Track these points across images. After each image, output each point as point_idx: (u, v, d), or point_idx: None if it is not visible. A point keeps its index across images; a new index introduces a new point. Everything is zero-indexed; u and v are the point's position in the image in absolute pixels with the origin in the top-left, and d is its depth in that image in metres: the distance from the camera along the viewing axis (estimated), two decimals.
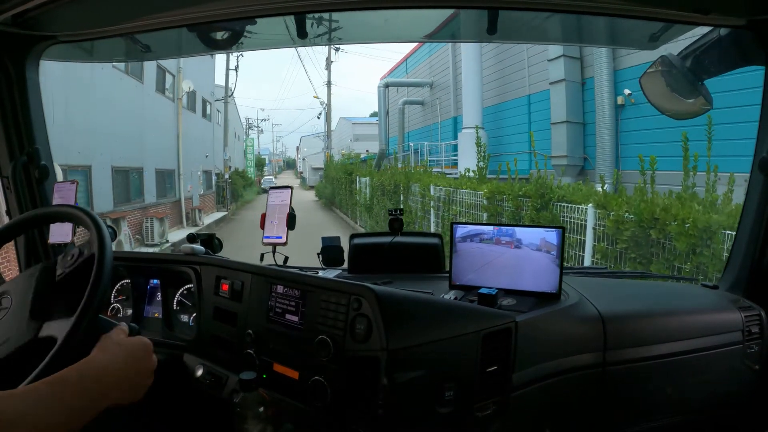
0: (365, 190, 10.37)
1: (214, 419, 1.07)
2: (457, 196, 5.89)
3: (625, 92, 6.27)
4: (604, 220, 3.58)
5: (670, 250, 3.05)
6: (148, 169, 10.31)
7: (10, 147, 1.27)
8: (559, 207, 4.13)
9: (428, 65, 14.61)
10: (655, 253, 3.19)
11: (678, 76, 1.20)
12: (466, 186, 5.78)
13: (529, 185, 4.52)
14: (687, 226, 2.89)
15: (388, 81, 16.36)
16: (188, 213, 12.58)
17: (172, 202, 11.85)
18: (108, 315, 1.27)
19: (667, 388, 1.08)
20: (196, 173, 13.95)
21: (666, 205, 3.10)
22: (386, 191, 8.56)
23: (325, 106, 21.26)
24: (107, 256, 0.79)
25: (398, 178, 8.12)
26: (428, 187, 6.76)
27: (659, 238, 3.11)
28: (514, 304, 1.01)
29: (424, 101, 15.02)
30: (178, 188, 12.20)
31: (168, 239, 9.65)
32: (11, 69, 1.22)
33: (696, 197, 3.21)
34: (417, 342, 0.81)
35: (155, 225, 9.48)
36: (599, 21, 1.27)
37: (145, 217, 9.57)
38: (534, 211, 4.30)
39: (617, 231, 3.41)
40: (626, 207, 3.39)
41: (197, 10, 1.10)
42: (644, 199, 3.30)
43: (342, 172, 13.41)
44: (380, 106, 15.96)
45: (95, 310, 0.75)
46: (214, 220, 13.70)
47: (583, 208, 3.83)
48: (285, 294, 0.96)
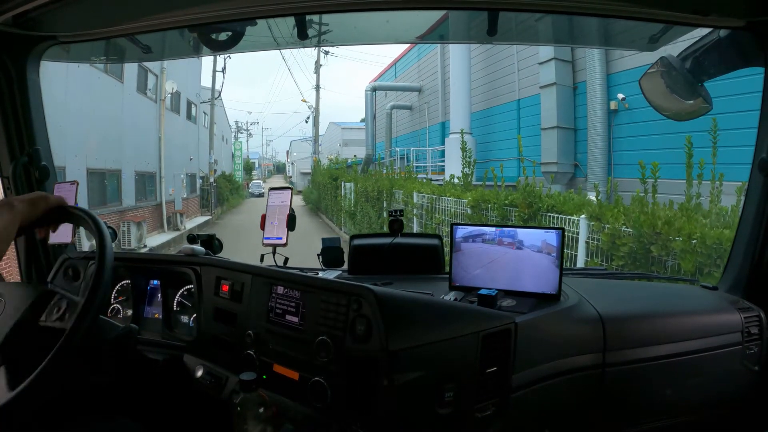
0: (350, 195, 10.08)
1: (214, 420, 1.07)
2: (441, 204, 5.59)
3: (619, 97, 6.02)
4: (598, 234, 3.20)
5: (673, 268, 2.73)
6: (126, 171, 9.98)
7: (11, 147, 1.28)
8: (548, 218, 3.75)
9: (417, 69, 14.42)
10: (657, 271, 2.83)
11: (677, 77, 1.21)
12: (450, 193, 5.47)
13: (516, 193, 4.20)
14: (694, 242, 2.53)
15: (375, 85, 15.94)
16: (170, 217, 12.09)
17: (153, 205, 11.48)
18: (108, 315, 1.27)
19: (666, 389, 1.08)
20: (179, 176, 13.52)
21: (669, 218, 2.72)
22: (370, 197, 8.29)
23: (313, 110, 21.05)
24: (107, 257, 0.79)
25: (382, 184, 7.86)
26: (411, 194, 6.46)
27: (661, 255, 2.76)
28: (513, 305, 1.01)
29: (413, 106, 14.83)
30: (159, 191, 11.79)
31: (146, 244, 9.37)
32: (12, 69, 1.22)
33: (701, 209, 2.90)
34: (417, 343, 0.81)
35: (132, 229, 9.16)
36: (599, 22, 1.28)
37: (122, 220, 9.25)
38: (521, 221, 3.94)
39: (613, 246, 3.02)
40: (624, 219, 3.02)
41: (197, 11, 1.10)
42: (644, 210, 2.94)
43: (328, 178, 13.11)
44: (367, 110, 15.56)
45: (96, 310, 0.75)
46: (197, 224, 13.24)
47: (575, 220, 3.41)
48: (285, 295, 0.96)
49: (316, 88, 20.41)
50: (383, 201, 7.64)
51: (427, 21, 1.33)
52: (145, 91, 11.14)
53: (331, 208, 12.80)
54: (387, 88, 16.29)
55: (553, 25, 1.38)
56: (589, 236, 3.26)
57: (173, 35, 1.32)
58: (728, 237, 2.44)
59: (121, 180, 9.75)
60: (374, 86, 15.75)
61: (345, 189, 10.83)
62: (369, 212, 8.16)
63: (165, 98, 11.89)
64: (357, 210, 9.20)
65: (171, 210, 12.34)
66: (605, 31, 1.37)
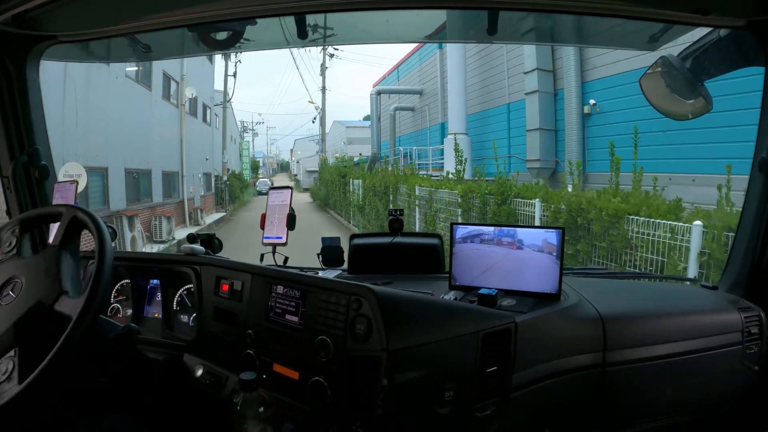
0: (358, 191, 10.97)
1: (213, 419, 1.07)
2: (438, 195, 6.75)
3: (591, 102, 6.97)
4: (547, 211, 4.57)
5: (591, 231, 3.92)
6: (155, 171, 10.91)
7: (11, 147, 1.28)
8: (515, 202, 5.12)
9: (419, 73, 15.19)
10: (582, 235, 4.04)
11: (678, 77, 1.21)
12: (445, 186, 6.66)
13: (494, 185, 5.40)
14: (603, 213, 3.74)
15: (380, 89, 17.15)
16: (191, 213, 13.08)
17: (176, 202, 12.43)
18: (108, 315, 1.27)
19: (666, 388, 1.08)
20: (197, 175, 14.46)
21: (590, 198, 4.01)
22: (377, 192, 9.29)
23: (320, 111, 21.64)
24: (107, 256, 0.79)
25: (388, 180, 8.89)
26: (413, 188, 7.60)
27: (584, 223, 4.01)
28: (513, 305, 1.01)
29: (414, 107, 15.62)
30: (182, 189, 12.75)
31: (174, 236, 10.19)
32: (11, 69, 1.22)
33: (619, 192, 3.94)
34: (417, 342, 0.81)
35: (163, 223, 10.02)
36: (599, 22, 1.28)
37: (153, 215, 10.13)
38: (496, 206, 5.24)
39: (555, 219, 4.38)
40: (562, 201, 4.33)
41: (197, 10, 1.10)
42: (576, 194, 4.33)
43: (336, 175, 14.02)
44: (372, 112, 16.68)
45: (96, 310, 0.75)
46: (214, 220, 14.24)
47: (532, 203, 4.81)
48: (285, 294, 0.96)
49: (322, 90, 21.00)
50: (389, 195, 8.67)
51: (428, 20, 1.33)
52: (169, 97, 12.08)
53: (340, 203, 13.61)
54: (390, 91, 17.16)
55: (553, 25, 1.38)
56: (542, 213, 4.66)
57: (173, 35, 1.32)
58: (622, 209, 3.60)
59: (151, 179, 10.64)
60: (379, 90, 17.03)
61: (353, 185, 11.67)
62: (377, 205, 9.14)
63: (185, 103, 12.75)
64: (366, 204, 10.06)
65: (191, 207, 13.32)
66: (605, 30, 1.37)
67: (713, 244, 2.89)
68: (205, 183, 15.65)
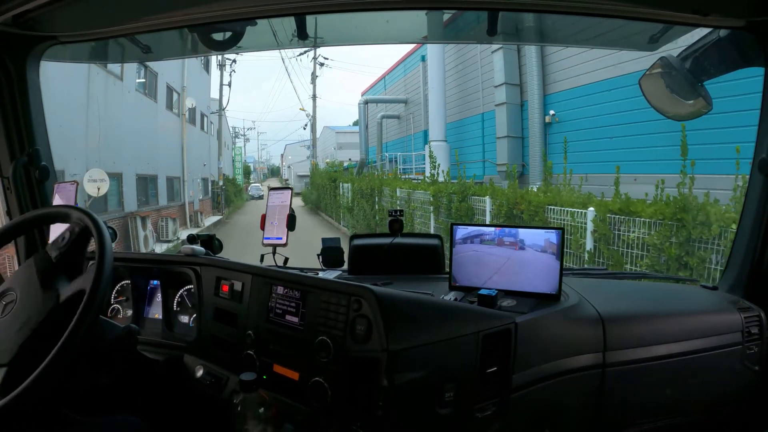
0: (347, 194, 11.91)
1: (214, 420, 1.07)
2: (415, 196, 7.90)
3: (551, 113, 8.01)
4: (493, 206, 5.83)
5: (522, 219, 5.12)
6: (160, 176, 11.85)
7: (11, 147, 1.28)
8: (472, 199, 6.36)
9: (404, 83, 16.03)
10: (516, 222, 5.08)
11: (678, 77, 1.21)
12: (421, 188, 7.90)
13: (456, 186, 6.60)
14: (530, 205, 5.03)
15: (367, 98, 18.08)
16: (191, 215, 13.90)
17: (179, 205, 13.38)
18: (108, 315, 1.27)
19: (666, 389, 1.08)
20: (196, 180, 15.20)
21: (522, 194, 5.33)
22: (364, 194, 10.27)
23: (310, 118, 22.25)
24: (107, 257, 0.79)
25: (374, 183, 9.96)
26: (395, 190, 8.74)
27: (518, 213, 5.28)
28: (513, 305, 1.01)
29: (400, 116, 16.46)
30: (183, 193, 13.65)
31: (179, 236, 11.15)
32: (12, 69, 1.22)
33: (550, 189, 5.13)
34: (417, 343, 0.81)
35: (169, 224, 11.05)
36: (599, 23, 1.28)
37: (160, 217, 11.11)
38: (459, 202, 6.44)
39: (499, 212, 5.68)
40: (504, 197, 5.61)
41: (197, 10, 1.10)
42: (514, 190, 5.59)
43: (327, 179, 14.91)
44: (360, 120, 17.80)
45: (96, 310, 0.75)
46: (212, 222, 15.18)
47: (484, 199, 6.06)
48: (285, 295, 0.96)
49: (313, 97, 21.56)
50: (375, 196, 9.75)
51: (428, 21, 1.33)
52: (172, 107, 13.01)
53: (330, 206, 14.44)
54: (377, 100, 18.06)
55: (553, 25, 1.38)
56: (492, 208, 5.89)
57: (173, 35, 1.32)
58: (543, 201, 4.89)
59: (157, 184, 11.64)
60: (366, 99, 17.84)
61: (343, 189, 12.59)
62: (364, 206, 10.08)
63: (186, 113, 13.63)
64: (354, 205, 10.92)
65: (191, 210, 14.13)
66: (605, 31, 1.37)
67: (600, 223, 4.12)
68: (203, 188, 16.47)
